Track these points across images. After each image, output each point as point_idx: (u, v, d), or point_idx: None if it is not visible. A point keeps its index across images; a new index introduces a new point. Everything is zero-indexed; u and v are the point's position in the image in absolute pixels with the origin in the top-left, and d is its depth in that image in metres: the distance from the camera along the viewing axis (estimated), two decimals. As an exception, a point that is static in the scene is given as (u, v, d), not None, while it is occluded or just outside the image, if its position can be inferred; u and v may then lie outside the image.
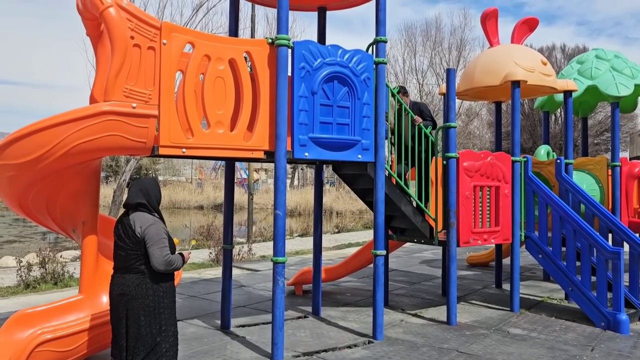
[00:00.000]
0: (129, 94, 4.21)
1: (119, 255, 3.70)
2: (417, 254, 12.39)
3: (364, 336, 5.62)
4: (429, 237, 6.31)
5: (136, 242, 3.63)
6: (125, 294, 3.62)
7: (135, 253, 3.64)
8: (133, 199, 3.74)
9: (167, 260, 3.64)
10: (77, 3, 4.51)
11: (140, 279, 3.63)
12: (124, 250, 3.65)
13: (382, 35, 5.54)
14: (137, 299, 3.61)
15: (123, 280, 3.64)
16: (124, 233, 3.66)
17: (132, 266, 3.64)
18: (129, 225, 3.66)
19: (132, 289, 3.62)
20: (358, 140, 5.29)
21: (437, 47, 30.07)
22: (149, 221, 3.68)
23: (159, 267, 3.62)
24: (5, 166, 4.24)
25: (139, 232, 3.63)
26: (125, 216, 3.74)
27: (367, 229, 19.93)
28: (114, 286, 3.69)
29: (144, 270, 3.64)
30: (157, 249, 3.62)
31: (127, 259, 3.64)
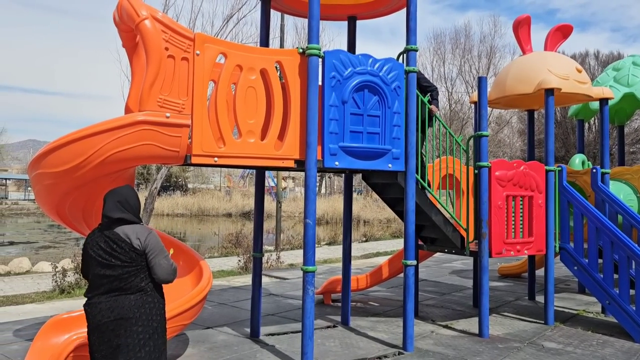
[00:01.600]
0: (163, 104, 4.29)
1: (105, 276, 3.16)
2: (447, 264, 12.22)
3: (394, 347, 5.56)
4: (460, 247, 6.21)
5: (135, 257, 3.19)
6: (124, 319, 3.14)
7: (134, 269, 3.19)
8: (114, 213, 3.26)
9: (174, 268, 3.35)
10: (114, 15, 4.63)
11: (142, 299, 3.21)
12: (115, 269, 3.16)
13: (413, 44, 5.51)
14: (139, 323, 3.18)
15: (118, 303, 3.15)
16: (116, 249, 3.17)
17: (128, 285, 3.18)
18: (120, 239, 3.19)
19: (134, 311, 3.16)
20: (388, 149, 5.26)
21: (466, 55, 29.83)
22: (146, 230, 3.30)
23: (168, 277, 3.29)
24: (44, 174, 4.37)
25: (138, 245, 3.21)
26: (107, 231, 3.24)
27: (396, 237, 19.78)
28: (104, 312, 3.14)
29: (144, 287, 3.23)
30: (163, 258, 3.28)
31: (122, 278, 3.16)
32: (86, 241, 3.32)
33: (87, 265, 3.30)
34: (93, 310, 3.18)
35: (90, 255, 3.23)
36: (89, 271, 3.27)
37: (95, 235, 3.29)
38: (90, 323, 3.21)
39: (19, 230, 27.61)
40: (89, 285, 3.28)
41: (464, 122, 28.39)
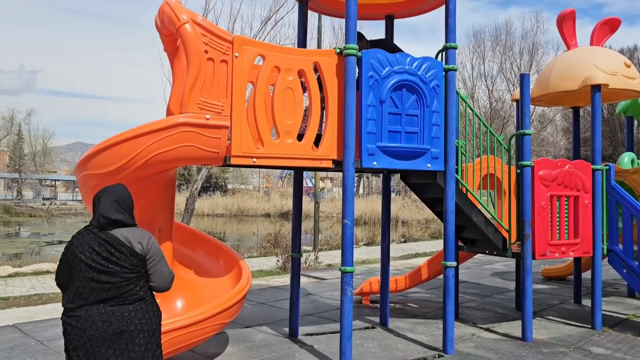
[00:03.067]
0: (203, 106, 4.37)
1: (100, 282, 2.82)
2: (488, 266, 11.97)
3: (434, 349, 5.47)
4: (502, 248, 6.06)
5: (136, 263, 2.91)
6: (125, 332, 2.83)
7: (134, 276, 2.90)
8: (112, 214, 2.94)
9: (173, 276, 3.09)
10: (156, 20, 4.74)
11: (142, 308, 2.91)
12: (113, 276, 2.83)
13: (452, 42, 5.42)
14: (141, 335, 2.88)
15: (115, 315, 2.81)
16: (115, 253, 2.86)
17: (127, 294, 2.87)
18: (120, 243, 2.88)
19: (135, 322, 2.86)
20: (427, 148, 5.19)
21: (507, 52, 29.16)
22: (146, 235, 3.01)
23: (167, 285, 3.03)
24: (90, 176, 4.51)
25: (140, 250, 2.92)
26: (102, 233, 2.91)
27: (435, 238, 19.53)
28: (98, 325, 2.78)
29: (143, 296, 2.93)
30: (164, 265, 3.02)
31: (120, 285, 2.84)
32: (72, 244, 2.92)
33: (70, 271, 2.88)
34: (82, 324, 2.77)
35: (80, 259, 2.83)
36: (72, 278, 2.86)
37: (85, 237, 2.90)
38: (76, 338, 2.78)
39: (68, 229, 28.67)
40: (71, 294, 2.85)
41: (505, 121, 27.76)
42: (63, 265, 2.92)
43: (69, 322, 2.83)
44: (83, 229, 2.98)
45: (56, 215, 38.90)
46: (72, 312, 2.82)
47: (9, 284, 9.11)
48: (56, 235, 25.17)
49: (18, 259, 14.84)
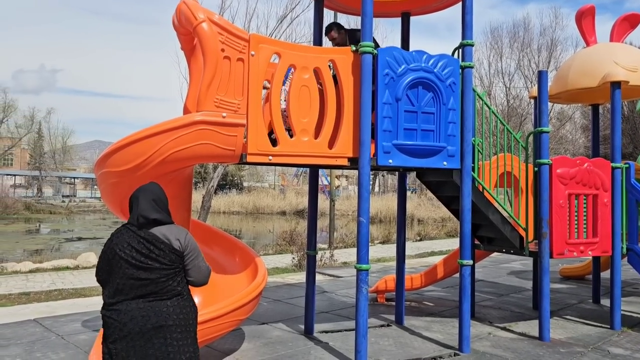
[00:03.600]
0: (219, 104, 4.40)
1: (139, 279, 2.89)
2: (505, 265, 11.87)
3: (450, 348, 5.46)
4: (519, 247, 6.01)
5: (175, 259, 2.96)
6: (164, 326, 2.88)
7: (172, 272, 2.96)
8: (150, 213, 3.01)
9: (210, 271, 3.14)
10: (173, 19, 4.79)
11: (180, 303, 2.97)
12: (152, 272, 2.90)
13: (469, 39, 5.39)
14: (178, 330, 2.94)
15: (153, 309, 2.88)
16: (154, 250, 2.92)
17: (165, 289, 2.93)
18: (158, 240, 2.95)
19: (173, 317, 2.92)
20: (443, 146, 5.16)
21: (525, 49, 28.81)
22: (183, 231, 3.08)
23: (204, 280, 3.10)
24: (109, 173, 4.58)
25: (178, 246, 2.98)
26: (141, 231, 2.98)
27: (451, 237, 19.41)
28: (138, 319, 2.85)
29: (180, 291, 2.99)
30: (202, 260, 3.08)
31: (158, 281, 2.91)
32: (111, 242, 3.00)
33: (110, 268, 2.96)
34: (122, 318, 2.86)
35: (120, 256, 2.91)
36: (112, 274, 2.94)
37: (124, 236, 2.98)
38: (117, 331, 2.87)
39: (86, 226, 29.09)
40: (111, 289, 2.94)
41: (523, 118, 27.45)
42: (103, 262, 3.00)
43: (109, 315, 2.91)
44: (122, 227, 3.05)
45: (75, 212, 39.47)
46: (113, 306, 2.90)
47: (30, 280, 9.29)
48: (75, 232, 25.54)
49: (38, 255, 15.10)
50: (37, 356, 5.01)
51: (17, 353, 5.08)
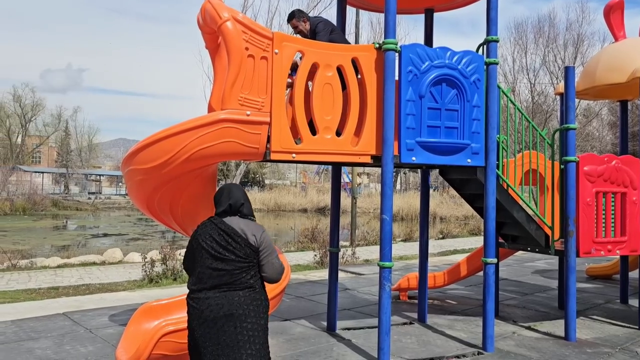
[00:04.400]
0: (243, 102, 4.44)
1: (216, 270, 3.05)
2: (529, 263, 11.71)
3: (473, 347, 5.42)
4: (545, 246, 5.93)
5: (249, 253, 3.08)
6: (234, 315, 3.02)
7: (247, 265, 3.08)
8: (240, 199, 3.23)
9: (283, 268, 3.23)
10: (198, 18, 4.85)
11: (251, 295, 3.08)
12: (228, 263, 3.05)
13: (494, 35, 5.33)
14: (248, 320, 3.05)
15: (227, 299, 3.03)
16: (231, 243, 3.07)
17: (239, 281, 3.06)
18: (236, 234, 3.09)
19: (244, 307, 3.04)
20: (467, 143, 5.12)
21: (550, 44, 28.27)
22: (260, 228, 3.20)
23: (277, 277, 3.17)
24: (135, 171, 4.66)
25: (254, 242, 3.09)
26: (221, 223, 3.14)
27: (474, 235, 19.22)
28: (213, 307, 3.01)
29: (253, 284, 3.10)
30: (275, 257, 3.17)
31: (233, 273, 3.04)
32: (197, 232, 3.18)
33: (194, 257, 3.15)
34: (201, 305, 3.04)
35: (202, 246, 3.09)
36: (196, 263, 3.13)
37: (207, 227, 3.15)
38: (197, 318, 3.06)
39: (112, 223, 29.61)
40: (194, 277, 3.13)
41: (548, 115, 26.97)
42: (189, 252, 3.21)
43: (191, 303, 3.11)
44: (207, 220, 3.23)
45: (101, 209, 40.21)
46: (194, 294, 3.10)
47: (59, 274, 9.51)
48: (101, 229, 26.03)
49: (66, 251, 15.43)
50: (67, 349, 5.14)
51: (48, 345, 5.22)
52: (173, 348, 4.32)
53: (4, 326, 5.89)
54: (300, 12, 5.45)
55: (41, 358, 4.87)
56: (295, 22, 5.38)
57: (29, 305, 6.93)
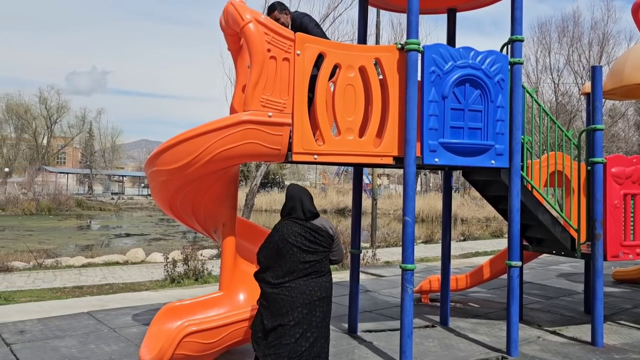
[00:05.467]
0: (265, 104, 4.44)
1: (307, 262, 3.66)
2: (554, 267, 11.51)
3: (497, 351, 5.34)
4: (570, 249, 5.81)
5: (330, 243, 3.79)
6: (326, 297, 3.72)
7: (327, 254, 3.79)
8: (312, 208, 3.90)
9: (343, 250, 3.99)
10: (220, 20, 4.87)
11: (329, 279, 3.80)
12: (317, 255, 3.70)
13: (518, 34, 5.24)
14: (330, 299, 3.78)
15: (320, 284, 3.69)
16: (318, 237, 3.72)
17: (324, 268, 3.74)
18: (320, 230, 3.77)
19: (330, 290, 3.76)
20: (491, 145, 5.05)
21: (575, 44, 27.81)
22: (328, 221, 3.93)
23: (342, 258, 3.94)
24: (158, 172, 4.71)
25: (332, 233, 3.83)
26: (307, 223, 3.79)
27: (496, 237, 18.97)
28: (314, 291, 3.64)
29: (329, 269, 3.81)
30: (341, 243, 3.93)
31: (320, 262, 3.71)
32: (282, 232, 3.71)
33: (277, 254, 3.67)
34: (292, 293, 3.61)
35: (292, 244, 3.66)
36: (281, 259, 3.65)
37: (294, 227, 3.73)
38: (287, 305, 3.59)
39: (134, 223, 30.01)
40: (280, 271, 3.65)
41: (573, 116, 26.52)
42: (269, 250, 3.73)
43: (277, 292, 3.64)
44: (287, 220, 3.80)
45: (123, 209, 40.82)
46: (282, 285, 3.63)
47: (83, 274, 9.66)
48: (123, 229, 26.40)
49: (90, 250, 15.70)
50: (91, 348, 5.21)
51: (72, 344, 5.30)
52: (196, 348, 4.35)
53: (31, 324, 6.00)
54: (281, 4, 5.29)
55: (66, 356, 4.95)
56: (277, 15, 5.19)
57: (54, 304, 7.05)
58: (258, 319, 3.79)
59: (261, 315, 3.75)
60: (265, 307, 3.72)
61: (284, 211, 3.90)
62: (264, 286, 3.74)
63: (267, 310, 3.70)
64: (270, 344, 3.66)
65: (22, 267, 10.22)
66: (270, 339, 3.66)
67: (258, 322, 3.77)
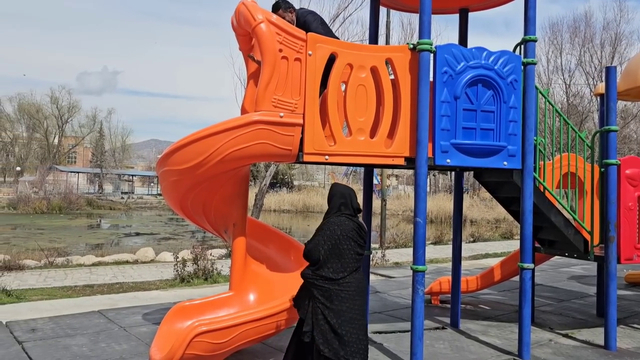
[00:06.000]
0: (277, 104, 4.43)
1: (358, 256, 3.80)
2: (565, 269, 11.41)
3: (508, 354, 5.29)
4: (583, 251, 5.76)
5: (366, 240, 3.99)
6: (365, 289, 3.92)
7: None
8: (358, 205, 4.01)
9: None
10: (232, 20, 4.88)
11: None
12: (363, 249, 3.86)
13: (532, 34, 5.20)
14: None
15: (361, 278, 3.85)
16: (364, 234, 3.89)
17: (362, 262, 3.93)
18: (364, 226, 3.95)
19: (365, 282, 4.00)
20: (504, 146, 5.01)
21: (587, 44, 27.57)
22: None
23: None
24: (170, 172, 4.71)
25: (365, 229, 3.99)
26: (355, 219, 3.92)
27: (506, 239, 18.85)
28: (357, 287, 3.76)
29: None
30: None
31: (362, 257, 3.87)
32: (340, 228, 3.77)
33: (334, 249, 3.71)
34: (350, 287, 3.71)
35: (351, 238, 3.76)
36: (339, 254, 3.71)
37: (350, 223, 3.83)
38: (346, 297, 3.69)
39: (143, 222, 30.15)
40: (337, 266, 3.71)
41: (584, 117, 26.31)
42: (327, 245, 3.73)
43: (339, 288, 3.69)
44: (341, 217, 3.86)
45: (133, 208, 41.03)
46: (343, 280, 3.71)
47: (94, 272, 9.71)
48: (133, 228, 26.53)
49: (100, 249, 15.77)
50: (102, 346, 5.23)
51: (84, 343, 5.32)
52: (206, 348, 4.34)
53: (42, 322, 6.04)
54: (285, 2, 5.21)
55: (77, 355, 4.97)
56: (282, 13, 5.11)
57: (65, 303, 7.09)
58: (320, 320, 3.66)
59: (322, 315, 3.66)
60: (326, 305, 3.66)
61: (334, 208, 3.92)
62: (322, 283, 3.69)
63: (328, 309, 3.66)
64: (346, 343, 3.64)
65: (33, 266, 10.30)
66: (346, 337, 3.64)
67: (322, 324, 3.65)
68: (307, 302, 3.79)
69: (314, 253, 3.71)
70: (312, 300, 3.73)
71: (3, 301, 7.01)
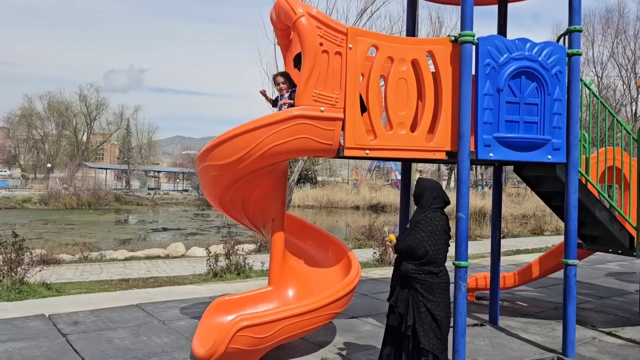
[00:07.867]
0: (317, 98, 4.40)
1: (447, 248, 3.85)
2: (600, 265, 11.15)
3: (551, 351, 5.19)
4: (629, 247, 5.60)
5: None
6: None
7: None
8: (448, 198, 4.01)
9: None
10: (271, 15, 4.86)
11: None
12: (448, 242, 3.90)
13: (577, 24, 5.06)
14: None
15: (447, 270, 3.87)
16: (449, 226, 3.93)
17: None
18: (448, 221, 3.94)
19: None
20: (548, 139, 4.89)
21: (619, 35, 26.85)
22: None
23: None
24: (210, 167, 4.73)
25: None
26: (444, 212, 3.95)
27: (536, 235, 18.56)
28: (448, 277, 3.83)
29: None
30: None
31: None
32: (442, 221, 3.84)
33: (438, 243, 3.78)
34: (446, 278, 3.82)
35: (446, 232, 3.84)
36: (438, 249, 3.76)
37: (442, 218, 3.87)
38: (445, 289, 3.79)
39: (170, 217, 30.55)
40: (441, 259, 3.78)
41: (617, 110, 25.65)
42: (432, 241, 3.76)
43: (439, 281, 3.77)
44: (436, 212, 3.87)
45: (159, 204, 41.61)
46: (441, 273, 3.78)
47: (127, 267, 9.85)
48: (160, 223, 26.89)
49: (128, 244, 16.03)
50: (143, 339, 5.29)
51: (125, 336, 5.39)
52: (249, 343, 4.35)
53: (84, 315, 6.14)
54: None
55: (120, 348, 5.04)
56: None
57: (103, 296, 7.20)
58: (422, 313, 3.72)
59: (425, 308, 3.72)
60: (428, 298, 3.73)
61: (427, 202, 3.89)
62: (425, 277, 3.75)
63: (430, 301, 3.73)
64: (443, 336, 3.77)
65: (68, 260, 10.50)
66: (444, 329, 3.78)
67: (425, 316, 3.71)
68: (404, 296, 3.82)
69: (420, 249, 3.73)
70: (413, 294, 3.77)
71: (44, 294, 7.15)
